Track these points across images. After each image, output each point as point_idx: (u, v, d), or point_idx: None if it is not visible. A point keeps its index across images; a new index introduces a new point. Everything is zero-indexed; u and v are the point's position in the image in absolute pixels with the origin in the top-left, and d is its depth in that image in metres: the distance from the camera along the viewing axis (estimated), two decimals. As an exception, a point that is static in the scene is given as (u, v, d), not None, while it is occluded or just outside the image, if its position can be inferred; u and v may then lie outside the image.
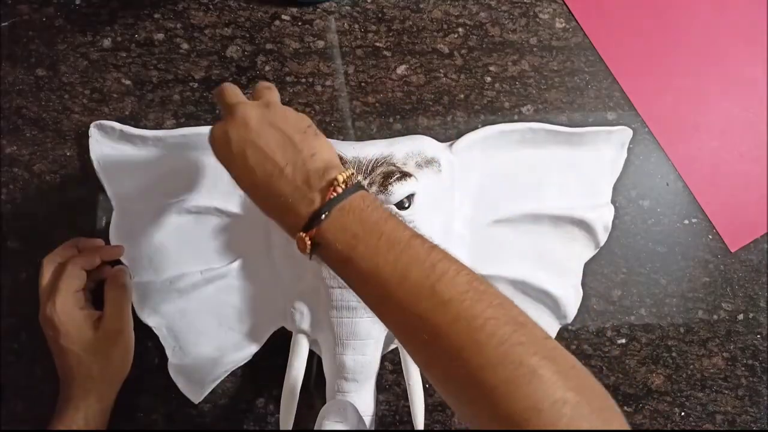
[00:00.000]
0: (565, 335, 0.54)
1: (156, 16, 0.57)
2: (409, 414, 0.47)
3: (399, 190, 0.47)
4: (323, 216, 0.35)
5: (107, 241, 0.52)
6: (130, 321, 0.50)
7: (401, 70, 0.56)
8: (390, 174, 0.48)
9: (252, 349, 0.52)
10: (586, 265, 0.53)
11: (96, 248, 0.51)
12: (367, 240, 0.34)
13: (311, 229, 0.35)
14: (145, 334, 0.51)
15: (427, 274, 0.33)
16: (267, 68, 0.56)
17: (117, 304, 0.49)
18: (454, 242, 0.52)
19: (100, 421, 0.48)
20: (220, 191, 0.53)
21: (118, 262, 0.52)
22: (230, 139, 0.39)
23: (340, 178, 0.36)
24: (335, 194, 0.35)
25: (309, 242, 0.35)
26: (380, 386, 0.51)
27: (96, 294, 0.52)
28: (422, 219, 0.49)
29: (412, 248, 0.34)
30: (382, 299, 0.34)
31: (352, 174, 0.37)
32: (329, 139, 0.51)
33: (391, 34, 0.57)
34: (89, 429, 0.47)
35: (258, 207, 0.39)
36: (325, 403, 0.48)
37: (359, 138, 0.55)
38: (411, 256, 0.33)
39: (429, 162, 0.50)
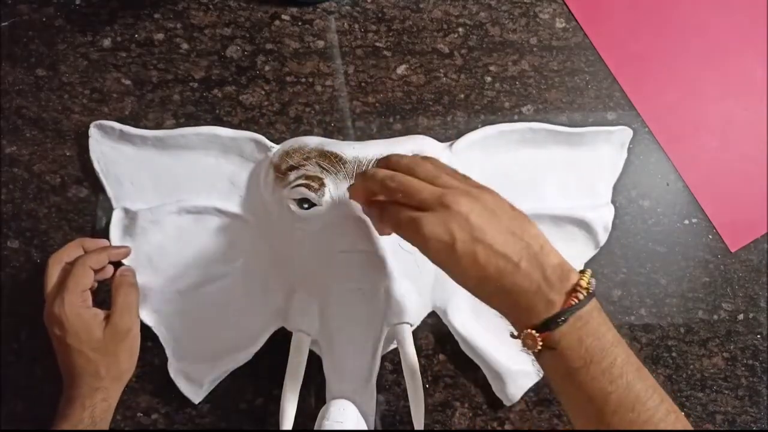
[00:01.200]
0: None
1: (156, 16, 0.57)
2: (409, 414, 0.47)
3: (399, 190, 0.47)
4: (560, 320, 0.34)
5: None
6: (138, 320, 0.50)
7: (401, 70, 0.56)
8: (390, 174, 0.48)
9: (252, 349, 0.52)
10: (586, 265, 0.53)
11: (104, 248, 0.51)
12: (600, 362, 0.34)
13: (545, 330, 0.35)
14: (145, 334, 0.51)
15: (646, 418, 0.34)
16: (267, 68, 0.56)
17: (126, 303, 0.49)
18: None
19: (107, 420, 0.48)
20: (220, 191, 0.53)
21: (118, 263, 0.52)
22: (455, 239, 0.35)
23: (583, 283, 0.35)
24: (576, 301, 0.35)
25: (540, 343, 0.35)
26: (380, 386, 0.51)
27: (95, 294, 0.52)
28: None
29: (640, 381, 0.35)
30: (591, 418, 0.35)
31: (592, 277, 0.36)
32: (329, 139, 0.52)
33: (391, 34, 0.57)
34: (96, 427, 0.47)
35: (481, 299, 0.37)
36: (325, 403, 0.48)
37: (359, 138, 0.55)
38: (638, 391, 0.34)
39: (429, 162, 0.50)
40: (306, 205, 0.48)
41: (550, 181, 0.53)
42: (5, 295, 0.54)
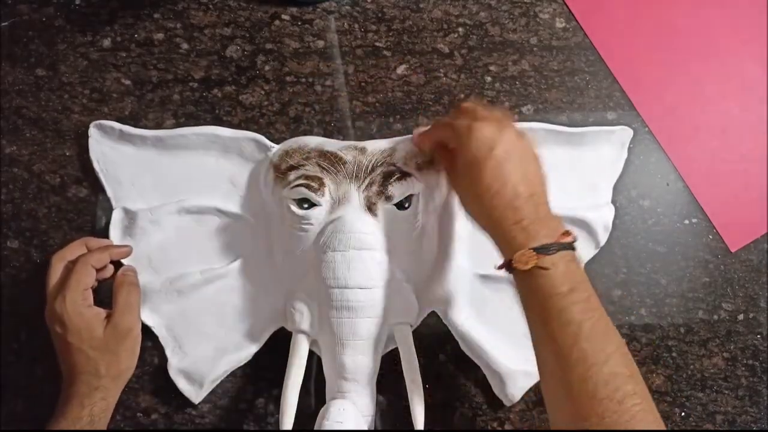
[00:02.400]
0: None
1: (156, 16, 0.57)
2: (409, 414, 0.47)
3: (399, 190, 0.47)
4: (554, 248, 0.39)
5: (107, 242, 0.52)
6: (139, 320, 0.50)
7: (401, 70, 0.56)
8: (390, 174, 0.48)
9: (252, 349, 0.52)
10: (586, 265, 0.53)
11: (106, 246, 0.51)
12: (582, 292, 0.39)
13: (541, 252, 0.39)
14: (145, 334, 0.51)
15: (617, 345, 0.39)
16: (267, 68, 0.56)
17: (128, 302, 0.49)
18: (453, 242, 0.52)
19: (105, 419, 0.48)
20: (220, 191, 0.53)
21: (118, 262, 0.52)
22: (496, 145, 0.41)
23: (572, 232, 0.41)
24: (570, 239, 0.40)
25: (535, 261, 0.39)
26: (380, 386, 0.51)
27: (95, 293, 0.52)
28: (422, 219, 0.50)
29: (606, 318, 0.40)
30: (565, 343, 0.38)
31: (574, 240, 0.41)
32: (329, 139, 0.52)
33: (391, 34, 0.57)
34: (95, 426, 0.47)
35: (481, 215, 0.43)
36: (325, 403, 0.48)
37: (359, 138, 0.55)
38: (607, 323, 0.39)
39: (429, 162, 0.50)
40: (306, 205, 0.48)
41: (550, 180, 0.53)
42: (5, 295, 0.54)
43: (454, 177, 0.46)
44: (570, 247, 0.40)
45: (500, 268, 0.42)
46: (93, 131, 0.54)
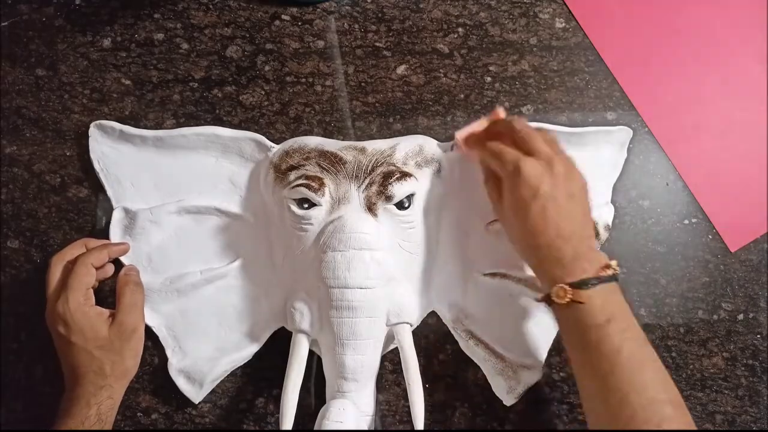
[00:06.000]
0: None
1: (156, 16, 0.57)
2: (409, 414, 0.47)
3: (399, 190, 0.47)
4: (592, 284, 0.41)
5: (107, 242, 0.52)
6: (143, 319, 0.51)
7: (401, 70, 0.56)
8: (390, 174, 0.48)
9: (252, 349, 0.52)
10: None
11: (104, 245, 0.51)
12: (620, 322, 0.41)
13: (577, 287, 0.41)
14: (145, 334, 0.51)
15: (656, 375, 0.41)
16: (267, 68, 0.56)
17: (132, 301, 0.49)
18: (454, 242, 0.52)
19: (112, 418, 0.48)
20: (220, 191, 0.53)
21: (118, 262, 0.52)
22: (542, 185, 0.43)
23: (613, 264, 0.43)
24: (610, 272, 0.42)
25: (570, 295, 0.41)
26: (380, 386, 0.51)
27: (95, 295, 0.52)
28: (422, 219, 0.50)
29: (646, 346, 0.42)
30: (600, 373, 0.40)
31: (617, 266, 0.43)
32: (329, 139, 0.52)
33: (391, 34, 0.57)
34: (103, 425, 0.47)
35: (523, 249, 0.45)
36: (325, 403, 0.48)
37: (359, 138, 0.55)
38: (647, 354, 0.41)
39: (429, 162, 0.50)
40: (306, 205, 0.48)
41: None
42: (5, 295, 0.54)
43: (500, 209, 0.47)
44: (610, 279, 0.42)
45: (540, 301, 0.45)
46: (93, 131, 0.54)
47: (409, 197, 0.48)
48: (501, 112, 0.49)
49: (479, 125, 0.49)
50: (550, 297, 0.43)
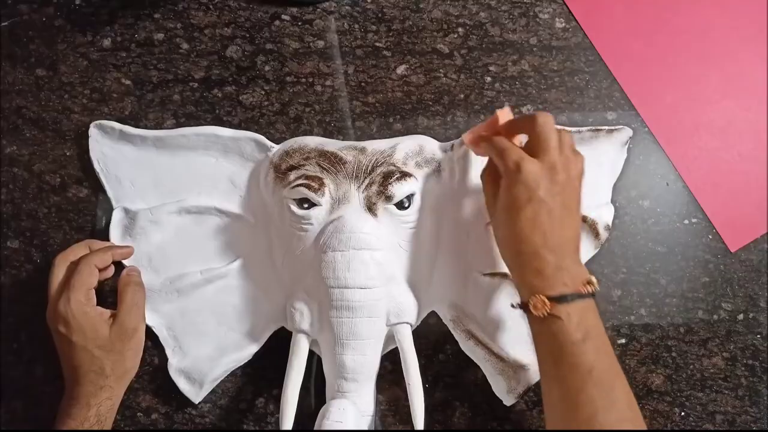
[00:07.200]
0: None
1: (156, 16, 0.57)
2: (409, 414, 0.47)
3: (399, 189, 0.47)
4: (571, 299, 0.41)
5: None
6: (144, 320, 0.51)
7: (401, 70, 0.56)
8: (390, 174, 0.48)
9: (252, 349, 0.52)
10: (586, 265, 0.53)
11: (108, 247, 0.51)
12: (595, 340, 0.41)
13: (556, 301, 0.41)
14: (145, 334, 0.51)
15: (625, 397, 0.41)
16: (267, 68, 0.56)
17: (134, 302, 0.49)
18: (454, 242, 0.52)
19: (111, 419, 0.48)
20: (220, 191, 0.53)
21: (119, 263, 0.52)
22: (539, 187, 0.42)
23: (594, 281, 0.42)
24: (589, 290, 0.41)
25: (548, 308, 0.41)
26: (380, 386, 0.51)
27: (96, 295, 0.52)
28: (422, 219, 0.50)
29: (616, 363, 0.42)
30: (571, 389, 0.40)
31: (598, 282, 0.43)
32: (329, 139, 0.52)
33: (391, 34, 0.57)
34: (102, 426, 0.47)
35: (508, 254, 0.44)
36: (325, 403, 0.48)
37: (359, 138, 0.55)
38: (615, 370, 0.41)
39: (429, 162, 0.50)
40: (306, 205, 0.48)
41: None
42: (5, 295, 0.54)
43: (493, 205, 0.46)
44: (588, 296, 0.41)
45: (516, 307, 0.44)
46: (93, 131, 0.54)
47: (409, 197, 0.48)
48: (507, 111, 0.48)
49: (487, 127, 0.48)
50: (527, 305, 0.42)
